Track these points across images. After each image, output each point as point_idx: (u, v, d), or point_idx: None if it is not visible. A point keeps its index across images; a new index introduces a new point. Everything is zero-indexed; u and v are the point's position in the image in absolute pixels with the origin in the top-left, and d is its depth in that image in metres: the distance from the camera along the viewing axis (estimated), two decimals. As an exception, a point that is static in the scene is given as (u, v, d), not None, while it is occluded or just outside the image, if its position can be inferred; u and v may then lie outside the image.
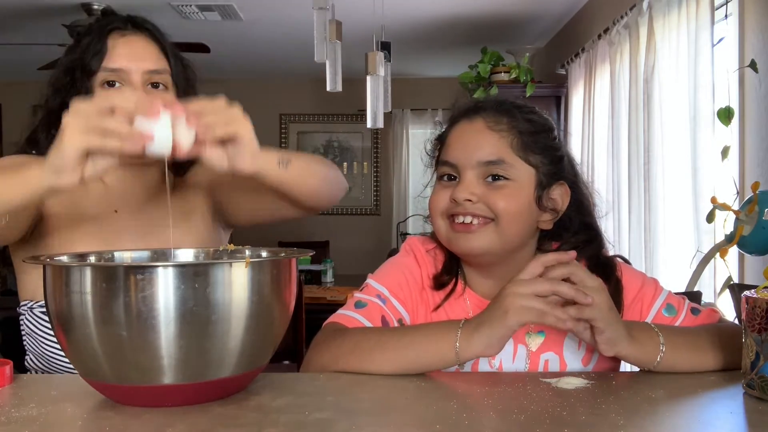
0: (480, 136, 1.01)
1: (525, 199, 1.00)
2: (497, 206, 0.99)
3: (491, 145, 1.00)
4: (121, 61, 1.16)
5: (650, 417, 0.75)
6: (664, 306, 1.06)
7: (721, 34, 2.34)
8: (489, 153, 1.00)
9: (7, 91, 5.95)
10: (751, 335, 0.80)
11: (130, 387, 0.76)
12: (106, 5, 4.02)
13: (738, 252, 2.08)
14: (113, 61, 1.16)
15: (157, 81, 1.19)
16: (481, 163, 1.00)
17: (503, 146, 1.00)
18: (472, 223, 1.00)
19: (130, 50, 1.18)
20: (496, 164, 0.99)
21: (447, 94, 5.90)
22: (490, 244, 1.00)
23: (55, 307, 0.77)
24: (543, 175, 1.02)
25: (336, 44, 3.01)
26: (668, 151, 2.57)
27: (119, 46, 1.17)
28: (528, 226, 1.03)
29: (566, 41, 4.30)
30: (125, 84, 1.16)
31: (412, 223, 5.97)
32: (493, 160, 0.99)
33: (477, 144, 1.01)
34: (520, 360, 1.03)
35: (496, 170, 1.00)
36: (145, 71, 1.17)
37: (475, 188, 1.00)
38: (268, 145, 0.99)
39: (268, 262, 0.80)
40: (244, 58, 5.46)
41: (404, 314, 1.06)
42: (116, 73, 1.16)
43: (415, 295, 1.07)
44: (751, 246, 1.73)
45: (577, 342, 1.03)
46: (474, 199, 0.99)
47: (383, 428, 0.71)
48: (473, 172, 1.00)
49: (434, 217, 1.06)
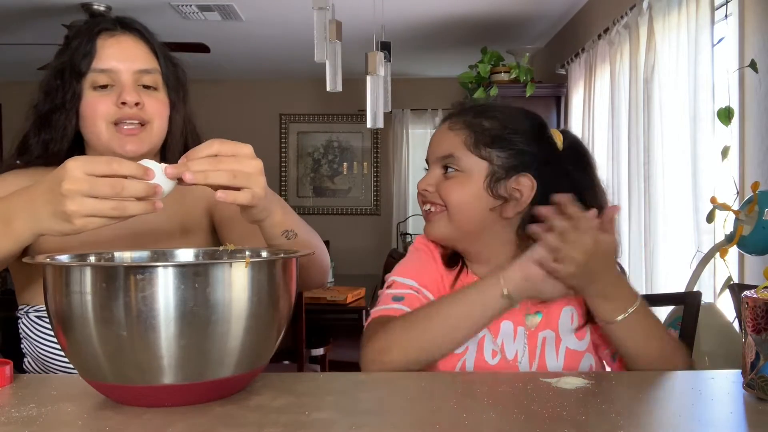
0: (441, 136, 1.16)
1: (473, 188, 1.11)
2: (446, 195, 1.12)
3: (446, 143, 1.14)
4: (110, 61, 1.15)
5: (650, 417, 0.75)
6: None
7: (721, 34, 2.34)
8: (443, 149, 1.14)
9: (7, 91, 5.95)
10: (751, 335, 0.80)
11: (130, 387, 0.76)
12: (106, 5, 4.02)
13: (738, 252, 2.08)
14: (102, 61, 1.15)
15: (148, 83, 1.18)
16: (439, 158, 1.15)
17: (456, 143, 1.13)
18: (431, 211, 1.15)
19: (119, 50, 1.16)
20: (448, 158, 1.13)
21: (447, 94, 5.90)
22: (444, 229, 1.14)
23: (55, 308, 0.77)
24: (498, 167, 1.11)
25: (336, 44, 3.01)
26: (668, 151, 2.57)
27: (108, 47, 1.16)
28: (479, 213, 1.11)
29: (566, 41, 4.30)
30: (116, 85, 1.15)
31: (412, 223, 5.98)
32: (445, 154, 1.13)
33: (437, 142, 1.16)
34: (519, 340, 1.11)
35: (447, 163, 1.13)
36: (134, 71, 1.16)
37: (432, 180, 1.14)
38: (268, 145, 1.00)
39: (268, 262, 0.80)
40: (244, 58, 5.46)
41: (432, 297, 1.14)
42: (106, 73, 1.15)
43: (436, 278, 1.17)
44: (751, 246, 1.73)
45: (570, 317, 1.12)
46: (430, 189, 1.14)
47: (383, 428, 0.71)
48: (435, 166, 1.15)
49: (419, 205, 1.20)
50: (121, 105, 1.14)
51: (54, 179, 0.84)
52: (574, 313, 1.12)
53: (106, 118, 1.14)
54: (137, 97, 1.15)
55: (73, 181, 0.81)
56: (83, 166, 0.82)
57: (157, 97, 1.19)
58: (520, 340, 1.11)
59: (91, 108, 1.15)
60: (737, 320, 1.80)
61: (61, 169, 0.83)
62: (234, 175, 0.89)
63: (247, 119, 6.21)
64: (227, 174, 0.89)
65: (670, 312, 1.84)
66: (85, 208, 0.82)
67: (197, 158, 0.88)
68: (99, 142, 1.16)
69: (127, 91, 1.14)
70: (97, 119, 1.15)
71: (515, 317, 1.11)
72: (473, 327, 1.04)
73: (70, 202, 0.82)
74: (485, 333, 1.10)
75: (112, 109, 1.14)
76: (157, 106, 1.19)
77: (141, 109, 1.16)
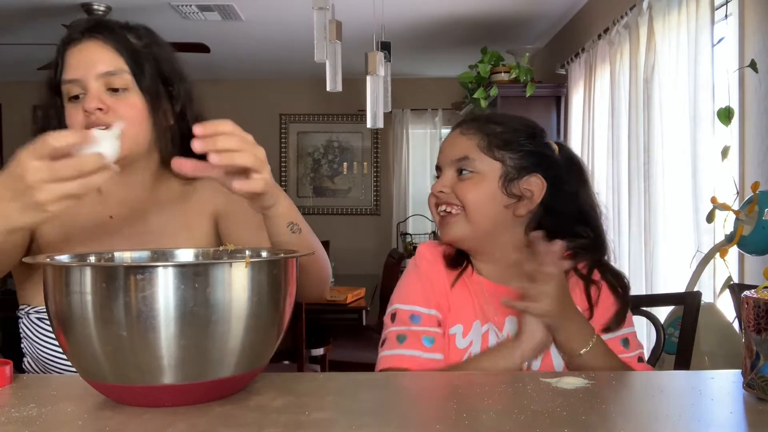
0: (454, 141, 1.21)
1: (489, 188, 1.16)
2: (463, 195, 1.16)
3: (460, 146, 1.19)
4: (74, 71, 1.13)
5: (650, 417, 0.75)
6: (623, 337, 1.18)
7: (721, 34, 2.34)
8: (457, 152, 1.19)
9: (7, 91, 5.95)
10: (751, 335, 0.80)
11: (130, 387, 0.76)
12: (106, 5, 4.02)
13: (738, 252, 2.08)
14: (69, 72, 1.14)
15: (115, 85, 1.14)
16: (453, 161, 1.18)
17: (470, 146, 1.18)
18: (448, 213, 1.17)
19: (82, 57, 1.14)
20: (463, 160, 1.17)
21: (447, 94, 5.92)
22: (462, 229, 1.16)
23: (55, 307, 0.77)
24: (510, 168, 1.16)
25: (336, 44, 3.01)
26: (668, 151, 2.57)
27: (73, 56, 1.15)
28: (495, 213, 1.16)
29: (566, 41, 4.30)
30: (86, 93, 1.13)
31: (412, 223, 5.98)
32: (460, 157, 1.17)
33: (451, 147, 1.21)
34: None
35: (462, 165, 1.17)
36: (97, 75, 1.13)
37: (448, 182, 1.18)
38: (268, 144, 1.00)
39: (268, 262, 0.80)
40: (244, 58, 5.46)
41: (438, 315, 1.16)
42: (75, 83, 1.13)
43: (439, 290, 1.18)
44: (751, 246, 1.73)
45: None
46: (446, 190, 1.17)
47: (383, 428, 0.71)
48: (449, 169, 1.19)
49: (430, 210, 1.23)
50: (86, 113, 1.12)
51: (12, 175, 0.84)
52: None
53: (79, 127, 1.12)
54: (98, 102, 1.12)
55: (33, 171, 0.82)
56: (34, 153, 0.83)
57: (127, 100, 1.15)
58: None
59: (69, 120, 1.15)
60: (737, 320, 1.80)
61: (16, 164, 0.83)
62: (255, 158, 0.89)
63: (246, 119, 6.11)
64: (252, 157, 0.89)
65: (670, 312, 1.84)
66: (53, 194, 0.83)
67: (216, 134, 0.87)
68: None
69: (89, 98, 1.12)
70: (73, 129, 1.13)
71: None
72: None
73: (38, 193, 0.82)
74: (489, 326, 1.14)
75: (82, 118, 1.12)
76: (125, 110, 1.14)
77: (106, 113, 1.12)
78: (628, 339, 1.18)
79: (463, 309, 1.16)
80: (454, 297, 1.17)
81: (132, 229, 1.20)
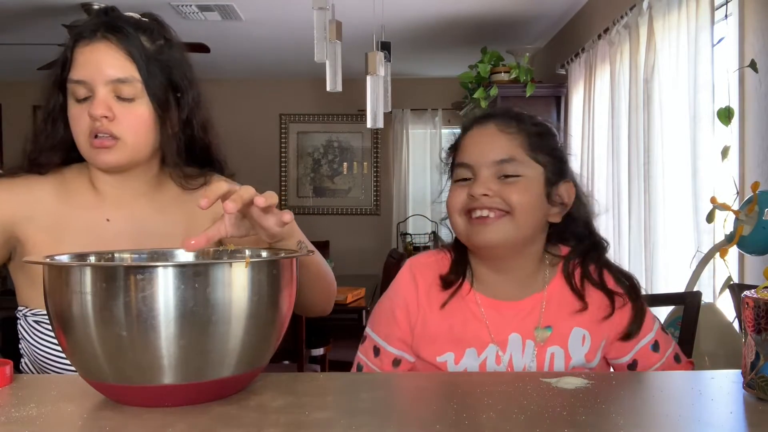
0: (493, 139, 1.10)
1: (536, 193, 1.09)
2: (512, 199, 1.07)
3: (503, 146, 1.09)
4: (83, 71, 1.10)
5: (650, 417, 0.75)
6: (652, 343, 1.15)
7: (721, 34, 2.34)
8: (501, 152, 1.09)
9: (7, 91, 5.95)
10: (751, 335, 0.79)
11: (130, 387, 0.76)
12: (106, 5, 4.02)
13: (738, 252, 2.08)
14: (77, 72, 1.10)
15: (124, 94, 1.10)
16: (495, 162, 1.09)
17: (514, 146, 1.09)
18: (489, 216, 1.08)
19: (92, 59, 1.10)
20: (508, 162, 1.08)
21: (447, 94, 5.91)
22: (506, 234, 1.08)
23: (55, 307, 0.77)
24: (550, 173, 1.11)
25: (336, 44, 3.01)
26: (668, 151, 2.57)
27: (82, 55, 1.10)
28: (539, 219, 1.11)
29: (566, 41, 4.30)
30: (92, 96, 1.09)
31: (412, 223, 5.98)
32: (505, 158, 1.08)
33: (490, 145, 1.10)
34: (528, 353, 1.11)
35: (508, 168, 1.08)
36: (107, 81, 1.09)
37: (490, 184, 1.08)
38: (268, 144, 1.00)
39: (268, 262, 0.80)
40: (244, 58, 5.46)
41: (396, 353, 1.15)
42: (82, 84, 1.10)
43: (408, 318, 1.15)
44: (751, 246, 1.73)
45: (581, 339, 1.11)
46: (490, 193, 1.08)
47: (383, 428, 0.71)
48: (488, 170, 1.09)
49: (452, 215, 1.13)
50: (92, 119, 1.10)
51: None
52: (586, 335, 1.11)
53: (83, 131, 1.11)
54: (106, 110, 1.09)
55: None
56: None
57: (134, 110, 1.11)
58: (528, 353, 1.11)
59: (73, 121, 1.13)
60: (737, 320, 1.80)
61: None
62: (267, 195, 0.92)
63: (247, 119, 6.20)
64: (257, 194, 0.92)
65: (670, 312, 1.84)
66: None
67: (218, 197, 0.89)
68: (82, 153, 1.15)
69: (96, 103, 1.09)
70: (78, 132, 1.12)
71: (524, 330, 1.11)
72: None
73: None
74: (490, 348, 1.11)
75: (87, 122, 1.10)
76: (131, 120, 1.11)
77: (111, 122, 1.10)
78: (657, 342, 1.14)
79: (455, 335, 1.11)
80: (442, 322, 1.12)
81: (129, 233, 1.18)
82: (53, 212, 1.16)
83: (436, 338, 1.12)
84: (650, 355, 1.14)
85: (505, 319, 1.12)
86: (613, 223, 3.05)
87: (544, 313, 1.12)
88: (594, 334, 1.12)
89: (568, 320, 1.11)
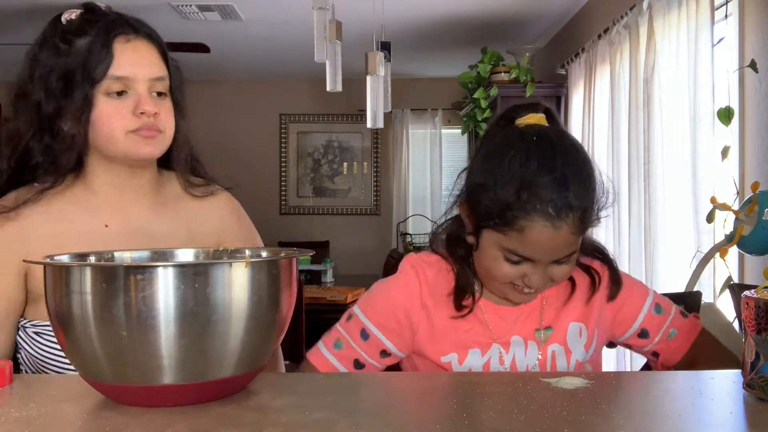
0: (562, 243, 1.02)
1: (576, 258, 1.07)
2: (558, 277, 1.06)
3: (569, 247, 1.03)
4: (126, 68, 1.12)
5: (650, 417, 0.75)
6: (653, 306, 1.16)
7: (721, 34, 2.34)
8: (565, 250, 1.03)
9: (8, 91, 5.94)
10: (751, 335, 0.79)
11: (130, 387, 0.76)
12: (106, 5, 4.02)
13: (738, 252, 2.08)
14: (120, 68, 1.12)
15: (160, 90, 1.16)
16: (558, 258, 1.03)
17: (576, 240, 1.03)
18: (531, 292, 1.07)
19: (135, 56, 1.14)
20: (567, 257, 1.04)
21: (447, 94, 5.92)
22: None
23: (55, 307, 0.77)
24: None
25: (336, 44, 3.01)
26: (668, 151, 2.57)
27: (125, 52, 1.13)
28: None
29: (566, 41, 4.30)
30: (131, 93, 1.12)
31: (412, 223, 5.98)
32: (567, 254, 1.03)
33: (558, 248, 1.02)
34: (531, 354, 1.12)
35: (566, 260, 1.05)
36: (150, 78, 1.14)
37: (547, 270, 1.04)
38: (268, 145, 1.00)
39: (268, 262, 0.80)
40: (244, 58, 5.46)
41: (389, 345, 1.12)
42: (122, 81, 1.12)
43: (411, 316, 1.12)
44: (751, 246, 1.72)
45: (578, 331, 1.14)
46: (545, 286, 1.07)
47: (383, 428, 0.71)
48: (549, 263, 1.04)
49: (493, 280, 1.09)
50: (140, 115, 1.12)
51: None
52: (582, 328, 1.14)
53: (125, 127, 1.12)
54: (154, 106, 1.13)
55: None
56: None
57: (166, 105, 1.17)
58: (531, 353, 1.12)
59: (106, 116, 1.12)
60: (737, 320, 1.80)
61: None
62: None
63: (247, 119, 6.21)
64: None
65: (670, 312, 1.84)
66: None
67: None
68: (116, 150, 1.14)
69: (145, 100, 1.12)
70: (115, 128, 1.12)
71: (525, 332, 1.13)
72: None
73: None
74: (493, 349, 1.12)
75: (129, 118, 1.12)
76: (168, 116, 1.17)
77: (157, 118, 1.14)
78: (658, 304, 1.16)
79: (459, 336, 1.11)
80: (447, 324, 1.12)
81: (129, 236, 1.17)
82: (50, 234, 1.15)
83: (441, 339, 1.12)
84: (655, 318, 1.15)
85: (507, 323, 1.13)
86: (613, 223, 3.05)
87: (544, 313, 1.14)
88: (587, 322, 1.14)
89: (564, 316, 1.14)
